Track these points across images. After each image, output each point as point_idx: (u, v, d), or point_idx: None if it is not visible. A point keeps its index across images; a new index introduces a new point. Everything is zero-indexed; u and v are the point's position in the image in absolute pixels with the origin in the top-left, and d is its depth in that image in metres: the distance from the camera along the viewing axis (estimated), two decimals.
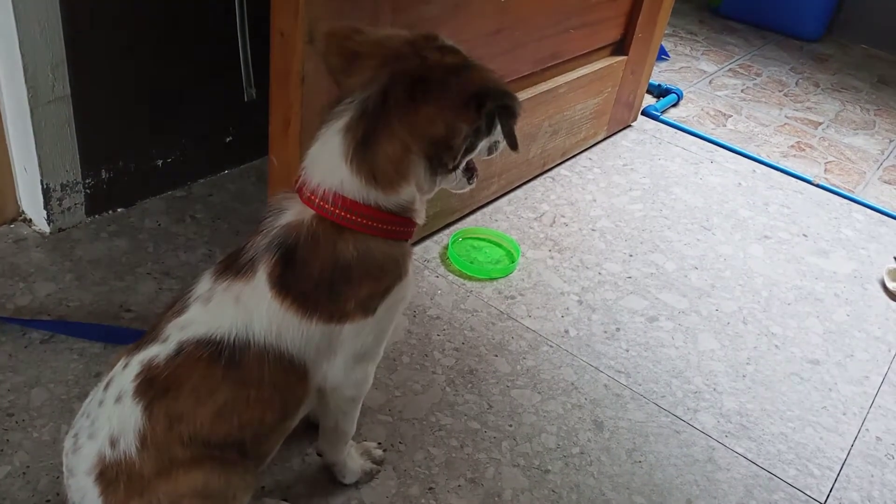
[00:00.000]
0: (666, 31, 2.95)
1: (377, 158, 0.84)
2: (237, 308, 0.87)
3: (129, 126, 1.58)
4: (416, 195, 0.90)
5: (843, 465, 1.34)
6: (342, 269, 0.87)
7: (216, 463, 0.88)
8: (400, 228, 0.90)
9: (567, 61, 1.90)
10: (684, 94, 2.64)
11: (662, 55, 2.93)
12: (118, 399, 0.87)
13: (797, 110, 2.73)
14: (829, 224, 2.05)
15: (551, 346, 1.48)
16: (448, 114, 0.83)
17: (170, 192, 1.71)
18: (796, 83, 2.96)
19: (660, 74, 2.78)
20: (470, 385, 1.36)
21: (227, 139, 1.78)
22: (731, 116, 2.59)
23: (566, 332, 1.52)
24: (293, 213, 0.88)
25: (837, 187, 2.23)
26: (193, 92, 1.66)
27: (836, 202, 2.16)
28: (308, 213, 0.87)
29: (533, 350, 1.46)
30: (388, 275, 0.91)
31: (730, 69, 2.99)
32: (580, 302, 1.61)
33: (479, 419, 1.30)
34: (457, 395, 1.34)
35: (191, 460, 0.86)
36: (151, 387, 0.86)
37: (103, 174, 1.57)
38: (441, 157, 0.86)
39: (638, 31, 2.10)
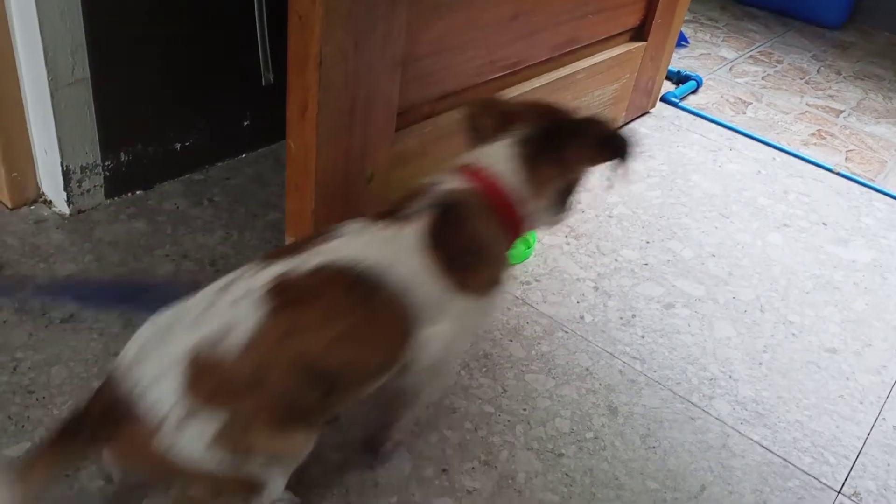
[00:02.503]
0: (686, 17, 2.92)
1: (535, 173, 1.03)
2: (385, 248, 0.94)
3: (148, 109, 1.59)
4: (538, 212, 1.07)
5: (859, 453, 1.33)
6: (483, 246, 1.01)
7: (298, 410, 0.89)
8: (518, 231, 1.06)
9: (585, 47, 1.89)
10: (704, 80, 2.62)
11: (682, 41, 2.90)
12: (237, 301, 0.87)
13: (818, 98, 2.70)
14: (849, 213, 2.03)
15: (566, 332, 1.48)
16: (590, 158, 1.07)
17: (188, 175, 1.72)
18: (818, 71, 2.93)
19: (679, 61, 2.76)
20: (484, 369, 1.36)
21: (245, 123, 1.79)
22: (751, 104, 2.56)
23: (581, 317, 1.52)
24: (458, 183, 1.01)
25: (858, 176, 2.21)
26: (211, 76, 1.66)
27: (856, 191, 2.14)
28: (475, 187, 1.01)
29: (548, 335, 1.47)
30: (505, 266, 1.05)
31: (750, 56, 2.96)
32: (596, 288, 1.61)
33: (493, 403, 1.30)
34: (471, 378, 1.34)
35: (282, 390, 0.86)
36: (281, 295, 0.87)
37: (122, 157, 1.58)
38: (566, 192, 1.09)
39: (657, 16, 2.08)
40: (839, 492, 1.26)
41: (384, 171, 1.45)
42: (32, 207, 1.56)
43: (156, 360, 0.85)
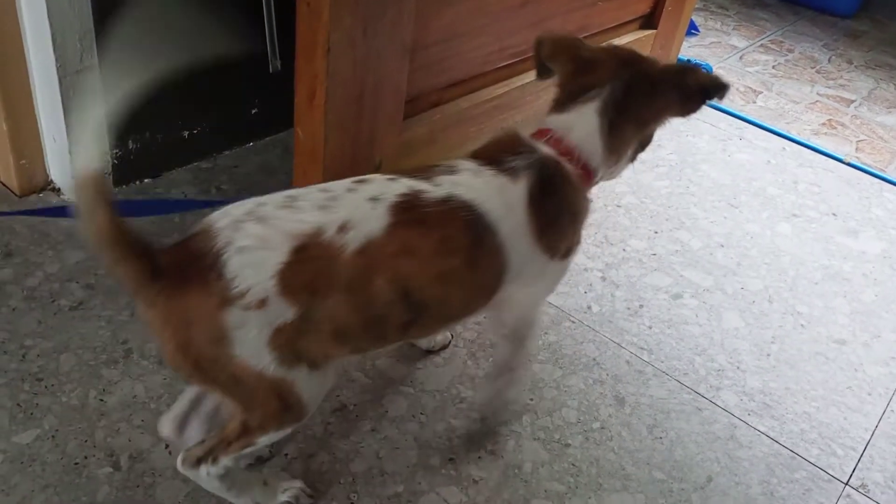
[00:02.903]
0: (696, 6, 2.90)
1: (620, 137, 1.03)
2: (499, 197, 0.95)
3: (156, 97, 1.58)
4: (612, 171, 1.09)
5: (866, 445, 1.33)
6: (573, 213, 1.04)
7: (374, 329, 0.90)
8: (591, 189, 1.07)
9: (595, 34, 1.88)
10: (714, 69, 2.60)
11: (692, 30, 2.88)
12: (374, 199, 0.88)
13: (829, 87, 2.67)
14: (859, 203, 2.01)
15: (573, 322, 1.48)
16: (678, 110, 1.05)
17: (196, 164, 1.72)
18: (829, 60, 2.90)
19: (689, 49, 2.74)
20: (491, 359, 1.36)
21: (253, 111, 1.78)
22: (761, 93, 2.55)
23: (589, 307, 1.52)
24: (550, 152, 1.01)
25: (869, 166, 2.19)
26: (220, 63, 1.66)
27: (866, 181, 2.12)
28: (563, 159, 1.01)
29: (555, 325, 1.46)
30: (584, 225, 1.08)
31: (761, 45, 2.94)
32: (604, 278, 1.61)
33: None
34: (478, 368, 1.34)
35: (373, 304, 0.86)
36: (408, 211, 0.88)
37: (130, 145, 1.58)
38: (644, 143, 1.10)
39: (667, 4, 2.06)
40: (846, 483, 1.26)
41: (392, 159, 1.44)
42: (41, 195, 1.56)
43: (268, 226, 0.82)
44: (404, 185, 0.91)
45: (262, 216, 0.83)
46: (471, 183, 0.95)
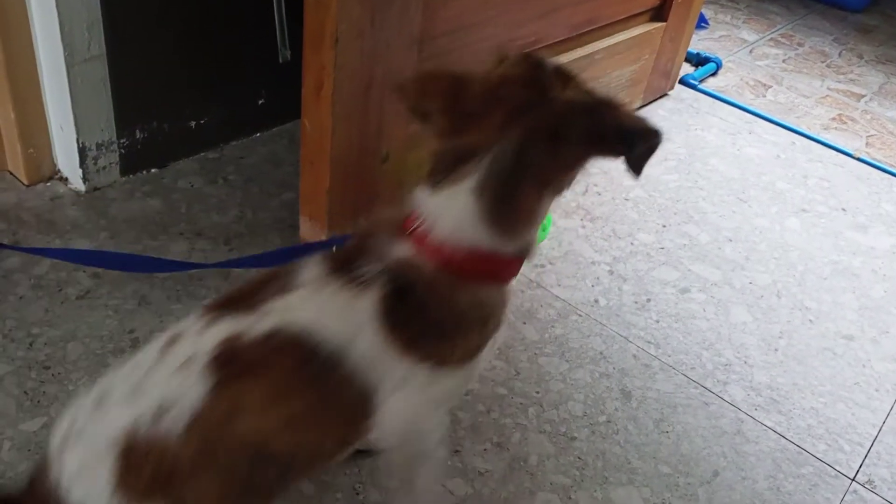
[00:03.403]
0: None
1: (514, 215, 0.81)
2: (345, 318, 0.79)
3: (164, 87, 1.58)
4: (528, 243, 0.88)
5: (873, 441, 1.32)
6: (457, 319, 0.83)
7: (251, 491, 0.80)
8: (514, 271, 0.88)
9: (604, 27, 1.87)
10: (724, 63, 2.59)
11: (702, 23, 2.86)
12: (185, 364, 0.75)
13: (839, 82, 2.66)
14: (868, 199, 2.00)
15: (580, 316, 1.47)
16: (593, 157, 0.82)
17: (203, 154, 1.72)
18: (839, 54, 2.88)
19: (699, 43, 2.72)
20: (497, 351, 1.36)
21: (260, 101, 1.78)
22: (771, 87, 2.53)
23: (596, 301, 1.52)
24: (409, 251, 0.82)
25: (879, 161, 2.18)
26: (227, 53, 1.66)
27: (876, 176, 2.11)
28: (428, 259, 0.81)
29: (562, 319, 1.46)
30: (496, 322, 0.88)
31: (771, 38, 2.92)
32: (611, 272, 1.60)
33: (506, 385, 1.30)
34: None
35: (230, 475, 0.76)
36: (229, 365, 0.75)
37: (138, 134, 1.58)
38: (565, 188, 0.86)
39: None
40: (853, 479, 1.25)
41: (400, 152, 1.44)
42: (48, 184, 1.56)
43: (84, 444, 0.73)
44: (219, 331, 0.77)
45: (80, 431, 0.75)
46: (304, 305, 0.79)
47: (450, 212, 0.80)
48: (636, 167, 0.82)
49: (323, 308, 0.80)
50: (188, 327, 0.79)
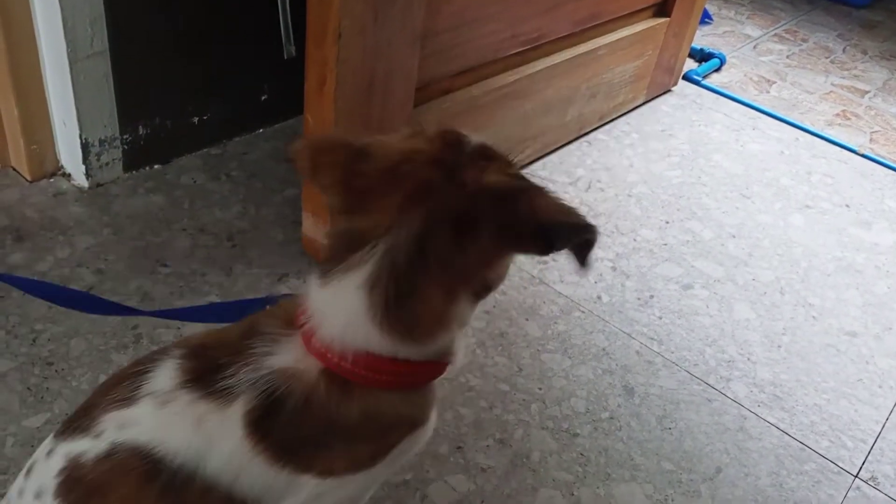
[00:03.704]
0: None
1: (415, 317, 0.66)
2: (197, 432, 0.68)
3: (166, 83, 1.58)
4: (456, 334, 0.72)
5: (877, 438, 1.32)
6: (341, 431, 0.70)
7: None
8: (430, 374, 0.73)
9: (607, 22, 1.86)
10: (727, 58, 2.58)
11: (706, 18, 2.86)
12: (38, 495, 0.70)
13: (844, 78, 2.65)
14: (872, 195, 2.00)
15: (583, 312, 1.47)
16: (506, 254, 0.68)
17: (206, 150, 1.72)
18: (843, 50, 2.87)
19: (702, 38, 2.72)
20: (500, 347, 1.36)
21: (263, 97, 1.78)
22: (775, 83, 2.52)
23: (599, 297, 1.51)
24: (292, 357, 0.69)
25: (883, 158, 2.17)
26: (230, 49, 1.66)
27: (880, 173, 2.10)
28: (312, 363, 0.68)
29: (564, 315, 1.46)
30: (399, 431, 0.73)
31: (775, 34, 2.91)
32: (614, 268, 1.60)
33: (508, 381, 1.30)
34: (487, 356, 1.34)
35: None
36: (74, 488, 0.69)
37: (140, 130, 1.58)
38: (489, 289, 0.71)
39: None
40: (856, 476, 1.25)
41: None
42: (51, 180, 1.56)
43: None
44: (61, 454, 0.70)
45: None
46: (147, 420, 0.69)
47: (337, 309, 0.67)
48: (578, 259, 0.69)
49: (171, 421, 0.69)
50: (38, 456, 0.73)
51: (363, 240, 0.65)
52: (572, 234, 0.67)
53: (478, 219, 0.64)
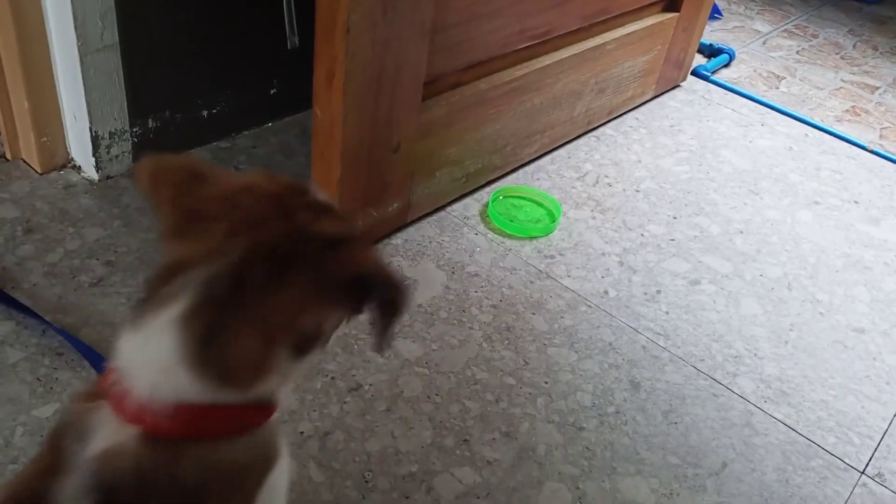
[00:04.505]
0: None
1: (230, 358, 0.59)
2: None
3: (176, 76, 1.59)
4: (281, 384, 0.66)
5: (884, 434, 1.32)
6: (190, 495, 0.61)
7: None
8: (259, 418, 0.66)
9: (616, 17, 1.86)
10: (737, 54, 2.57)
11: (715, 13, 2.85)
12: None
13: (854, 74, 2.64)
14: (882, 191, 1.99)
15: (590, 307, 1.47)
16: (322, 301, 0.63)
17: (215, 144, 1.73)
18: (854, 46, 2.86)
19: (712, 34, 2.71)
20: (506, 341, 1.36)
21: (272, 91, 1.79)
22: (784, 78, 2.51)
23: (606, 292, 1.51)
24: (106, 433, 0.59)
25: (892, 154, 2.16)
26: (239, 43, 1.66)
27: (890, 169, 2.10)
28: (129, 431, 0.59)
29: (571, 309, 1.46)
30: (251, 476, 0.66)
31: (785, 30, 2.90)
32: (621, 263, 1.60)
33: (514, 375, 1.30)
34: (493, 350, 1.34)
35: None
36: None
37: (150, 123, 1.59)
38: (311, 343, 0.65)
39: None
40: (863, 472, 1.25)
41: (410, 141, 1.44)
42: (62, 172, 1.57)
43: None
44: None
45: None
46: None
47: (148, 356, 0.59)
48: (380, 330, 0.65)
49: None
50: None
51: (180, 269, 0.59)
52: (387, 289, 0.64)
53: (297, 259, 0.61)
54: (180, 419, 0.59)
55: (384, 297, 0.64)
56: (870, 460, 1.27)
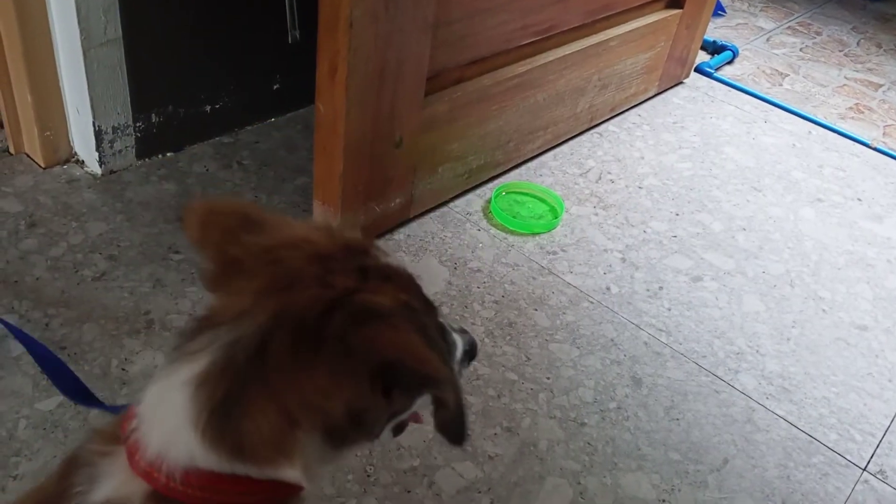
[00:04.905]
0: None
1: (244, 432, 0.53)
2: None
3: (179, 71, 1.59)
4: (310, 469, 0.58)
5: (885, 431, 1.32)
6: None
7: None
8: (281, 495, 0.58)
9: (620, 13, 1.86)
10: (740, 51, 2.57)
11: (719, 10, 2.84)
12: None
13: (857, 71, 2.63)
14: (885, 189, 1.98)
15: (592, 303, 1.47)
16: (345, 384, 0.54)
17: (217, 138, 1.73)
18: (857, 43, 2.85)
19: (715, 31, 2.70)
20: (508, 337, 1.36)
21: (275, 86, 1.79)
22: (787, 76, 2.51)
23: (608, 288, 1.51)
24: (115, 483, 0.55)
25: None
26: (242, 38, 1.66)
27: (893, 166, 2.09)
28: (138, 486, 0.55)
29: (573, 305, 1.46)
30: None
31: (788, 27, 2.89)
32: (623, 259, 1.60)
33: (516, 371, 1.31)
34: (495, 346, 1.34)
35: None
36: None
37: (153, 118, 1.59)
38: (347, 431, 0.57)
39: None
40: (864, 469, 1.25)
41: (412, 136, 1.44)
42: (65, 167, 1.57)
43: None
44: None
45: None
46: None
47: (161, 413, 0.55)
48: (450, 431, 0.58)
49: None
50: None
51: (208, 324, 0.55)
52: (421, 386, 0.56)
53: (322, 334, 0.54)
54: (190, 484, 0.54)
55: (417, 388, 0.57)
56: (871, 457, 1.27)
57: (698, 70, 2.38)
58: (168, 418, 0.54)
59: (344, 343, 0.53)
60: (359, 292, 0.55)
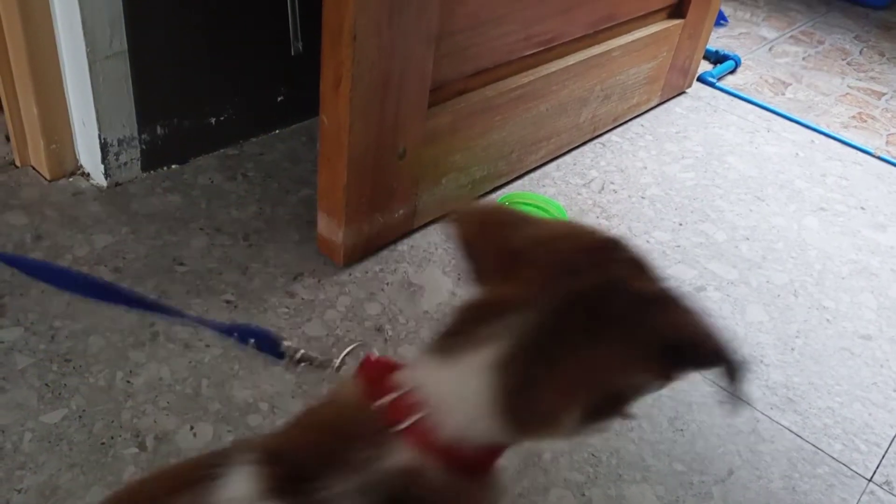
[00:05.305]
0: None
1: (533, 410, 0.58)
2: None
3: (184, 84, 1.60)
4: (551, 443, 0.69)
5: (891, 442, 1.32)
6: None
7: None
8: (496, 458, 0.65)
9: (622, 24, 1.86)
10: (742, 60, 2.57)
11: (721, 20, 2.85)
12: None
13: (860, 80, 2.63)
14: (888, 197, 1.98)
15: None
16: (631, 363, 0.59)
17: (222, 150, 1.73)
18: (860, 52, 2.86)
19: (717, 40, 2.71)
20: None
21: (279, 98, 1.79)
22: (790, 85, 2.51)
23: None
24: (403, 456, 0.59)
25: None
26: (247, 51, 1.67)
27: None
28: (432, 460, 0.59)
29: None
30: None
31: (791, 36, 2.90)
32: None
33: None
34: None
35: None
36: None
37: (158, 130, 1.60)
38: (609, 407, 0.62)
39: None
40: (870, 480, 1.25)
41: (416, 148, 1.44)
42: (71, 179, 1.58)
43: None
44: None
45: None
46: None
47: (460, 395, 0.59)
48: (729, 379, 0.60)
49: None
50: None
51: (499, 310, 0.59)
52: (706, 359, 0.60)
53: (612, 316, 0.58)
54: (480, 458, 0.60)
55: (701, 367, 0.61)
56: (877, 468, 1.27)
57: (701, 80, 2.39)
58: (467, 400, 0.58)
59: (633, 326, 0.58)
60: (634, 279, 0.60)
